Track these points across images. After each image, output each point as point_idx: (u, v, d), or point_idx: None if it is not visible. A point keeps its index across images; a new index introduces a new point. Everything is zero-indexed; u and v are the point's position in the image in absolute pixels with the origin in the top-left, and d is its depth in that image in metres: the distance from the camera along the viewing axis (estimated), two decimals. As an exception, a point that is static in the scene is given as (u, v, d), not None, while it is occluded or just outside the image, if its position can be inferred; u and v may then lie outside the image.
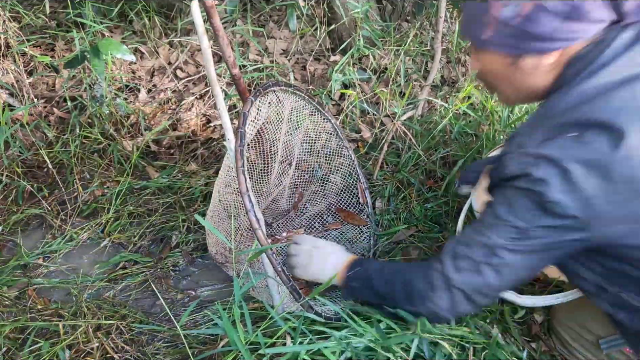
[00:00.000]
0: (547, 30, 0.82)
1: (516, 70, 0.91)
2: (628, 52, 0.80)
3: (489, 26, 0.88)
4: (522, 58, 0.89)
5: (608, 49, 0.81)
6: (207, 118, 2.18)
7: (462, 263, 0.94)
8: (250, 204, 1.10)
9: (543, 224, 0.83)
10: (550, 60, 0.87)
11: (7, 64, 2.15)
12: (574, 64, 0.85)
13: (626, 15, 0.80)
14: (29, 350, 1.34)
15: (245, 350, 0.97)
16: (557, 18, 0.81)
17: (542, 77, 0.91)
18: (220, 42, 1.06)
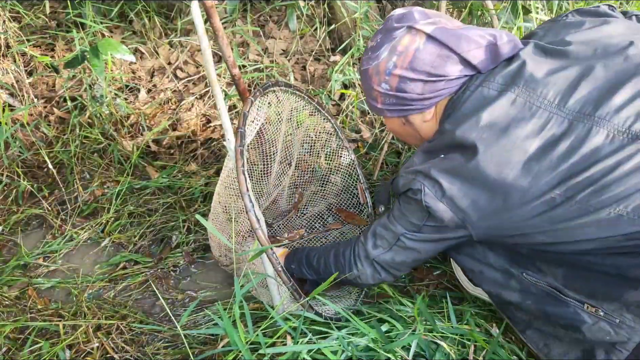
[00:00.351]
0: (415, 94, 1.06)
1: (409, 127, 1.16)
2: (475, 92, 1.00)
3: (377, 98, 1.13)
4: (409, 117, 1.13)
5: (464, 94, 1.02)
6: (207, 118, 2.18)
7: (378, 241, 1.15)
8: (250, 204, 1.10)
9: (429, 224, 1.04)
10: (430, 114, 1.11)
11: (7, 64, 2.15)
12: (447, 110, 1.06)
13: (479, 68, 1.02)
14: (29, 350, 1.34)
15: (246, 350, 0.97)
16: (419, 83, 1.04)
17: (429, 127, 1.14)
18: (220, 43, 1.06)
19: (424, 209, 1.01)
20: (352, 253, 1.20)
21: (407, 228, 1.09)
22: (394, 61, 1.05)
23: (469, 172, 0.95)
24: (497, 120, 0.95)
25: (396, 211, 1.12)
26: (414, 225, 1.07)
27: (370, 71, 1.10)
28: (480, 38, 1.02)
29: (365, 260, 1.18)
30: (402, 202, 1.09)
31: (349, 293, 1.46)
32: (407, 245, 1.11)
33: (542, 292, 1.06)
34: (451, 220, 1.00)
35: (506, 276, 1.11)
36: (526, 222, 0.94)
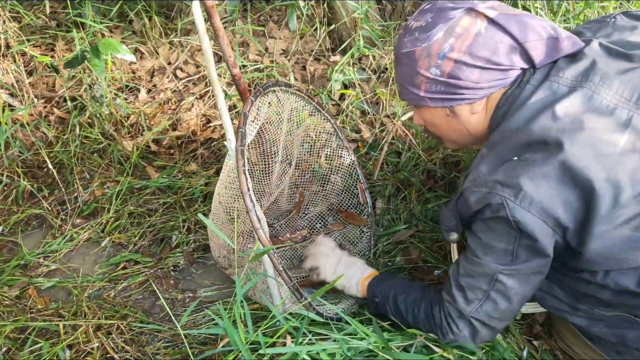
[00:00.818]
0: (470, 82, 0.96)
1: (454, 119, 1.05)
2: (541, 86, 0.94)
3: (421, 85, 1.01)
4: (456, 108, 1.02)
5: (525, 88, 0.95)
6: (207, 118, 2.18)
7: (470, 294, 1.01)
8: (251, 204, 1.10)
9: (523, 244, 0.92)
10: (480, 106, 1.01)
11: (7, 64, 2.15)
12: (501, 106, 0.99)
13: (535, 62, 0.95)
14: (29, 351, 1.34)
15: (246, 350, 0.97)
16: (475, 70, 0.95)
17: (478, 121, 1.04)
18: (221, 42, 1.06)
19: (512, 226, 0.89)
20: (443, 314, 1.06)
21: (500, 261, 0.95)
22: (451, 44, 0.94)
23: (556, 171, 0.86)
24: (574, 115, 0.88)
25: (477, 247, 0.97)
26: (507, 252, 0.93)
27: (418, 53, 0.98)
28: (542, 29, 0.95)
29: (460, 320, 1.03)
30: (482, 230, 0.96)
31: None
32: (508, 285, 0.96)
33: (616, 319, 1.01)
34: (544, 231, 0.89)
35: (573, 309, 1.05)
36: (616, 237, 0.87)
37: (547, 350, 1.30)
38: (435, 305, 1.09)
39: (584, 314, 1.04)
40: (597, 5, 2.00)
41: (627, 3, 2.13)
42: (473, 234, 0.99)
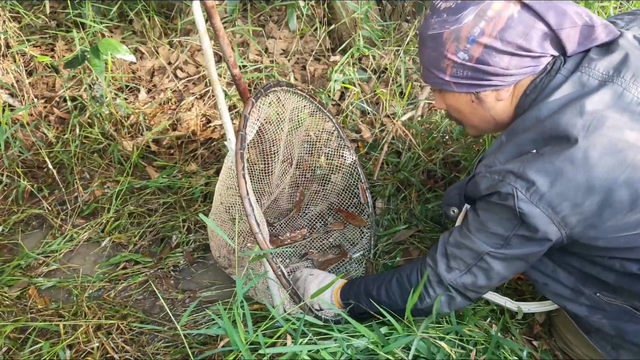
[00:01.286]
0: (499, 68, 0.93)
1: (478, 105, 1.02)
2: (571, 77, 0.90)
3: (447, 69, 0.98)
4: (481, 94, 0.99)
5: (555, 77, 0.92)
6: (207, 118, 2.18)
7: (453, 263, 1.02)
8: (250, 208, 1.10)
9: (519, 234, 0.92)
10: (506, 93, 0.98)
11: (7, 64, 2.15)
12: (529, 93, 0.96)
13: (567, 50, 0.92)
14: (29, 351, 1.34)
15: (246, 350, 0.97)
16: (505, 56, 0.91)
17: (503, 108, 1.01)
18: (221, 42, 1.06)
19: (515, 216, 0.89)
20: (419, 277, 1.08)
21: (490, 243, 0.96)
22: (482, 27, 0.90)
23: (573, 171, 0.84)
24: (602, 112, 0.85)
25: (473, 223, 0.98)
26: (500, 237, 0.94)
27: (446, 36, 0.94)
28: (577, 16, 0.90)
29: (438, 286, 1.05)
30: (483, 210, 0.96)
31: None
32: (492, 265, 0.98)
33: (616, 309, 1.01)
34: (546, 228, 0.88)
35: (576, 293, 1.04)
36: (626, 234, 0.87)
37: (547, 350, 1.30)
38: (411, 272, 1.11)
39: (586, 300, 1.03)
40: (597, 5, 2.00)
41: (627, 3, 2.13)
42: (473, 209, 0.99)
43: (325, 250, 1.64)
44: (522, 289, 1.42)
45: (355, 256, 1.60)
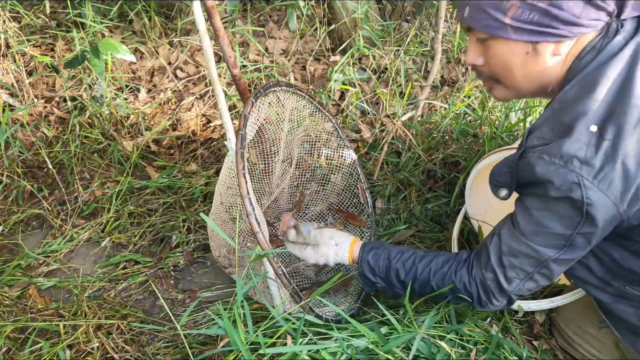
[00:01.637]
0: (571, 15, 0.82)
1: (532, 59, 0.89)
2: (631, 41, 0.84)
3: (510, 10, 0.84)
4: (539, 46, 0.87)
5: (614, 39, 0.84)
6: (207, 118, 2.18)
7: (511, 273, 0.95)
8: (250, 207, 1.10)
9: (583, 231, 0.84)
10: (566, 49, 0.87)
11: (7, 64, 2.15)
12: (584, 55, 0.87)
13: (625, 10, 0.84)
14: (29, 351, 1.34)
15: (246, 350, 0.97)
16: (580, 2, 0.81)
17: (555, 67, 0.90)
18: (221, 42, 1.06)
19: (579, 209, 0.80)
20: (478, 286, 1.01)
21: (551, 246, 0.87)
22: None
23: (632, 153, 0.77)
24: None
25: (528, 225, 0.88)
26: (562, 237, 0.85)
27: None
28: None
29: (500, 295, 1.00)
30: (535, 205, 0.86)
31: (347, 295, 1.46)
32: (554, 270, 0.91)
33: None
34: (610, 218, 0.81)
35: (603, 283, 1.00)
36: None
37: (547, 350, 1.30)
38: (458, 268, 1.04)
39: (613, 290, 1.00)
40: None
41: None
42: (525, 208, 0.89)
43: (325, 250, 1.64)
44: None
45: None
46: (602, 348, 1.20)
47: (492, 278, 0.98)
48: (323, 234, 1.25)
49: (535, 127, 0.90)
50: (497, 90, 1.00)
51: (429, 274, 1.07)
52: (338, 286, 1.47)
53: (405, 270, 1.10)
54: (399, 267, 1.11)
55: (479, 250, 1.04)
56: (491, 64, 0.95)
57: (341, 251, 1.22)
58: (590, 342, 1.22)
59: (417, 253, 1.12)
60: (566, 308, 1.29)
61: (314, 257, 1.25)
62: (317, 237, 1.25)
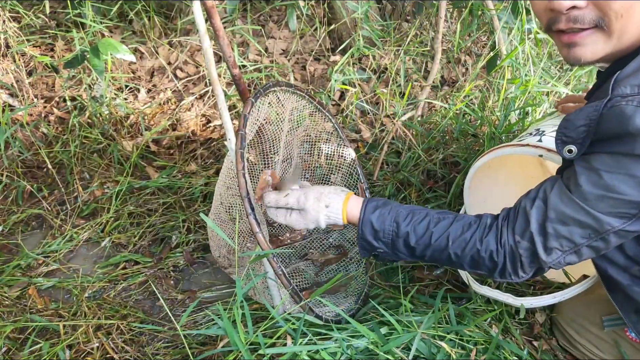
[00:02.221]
0: None
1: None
2: None
3: None
4: None
5: None
6: (207, 118, 2.18)
7: (554, 243, 0.83)
8: (250, 207, 1.10)
9: None
10: None
11: (7, 64, 2.15)
12: None
13: None
14: (29, 351, 1.34)
15: (246, 350, 0.97)
16: None
17: None
18: (221, 42, 1.06)
19: None
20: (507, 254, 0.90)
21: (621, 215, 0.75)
22: None
23: None
24: None
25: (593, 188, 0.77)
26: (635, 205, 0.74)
27: None
28: None
29: (530, 267, 0.89)
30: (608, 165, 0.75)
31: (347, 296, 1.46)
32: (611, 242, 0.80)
33: None
34: None
35: (631, 262, 0.91)
36: None
37: (547, 350, 1.30)
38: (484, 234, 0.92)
39: (637, 272, 0.92)
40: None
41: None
42: (591, 169, 0.78)
43: (325, 250, 1.64)
44: (522, 290, 1.42)
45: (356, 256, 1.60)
46: (605, 348, 1.20)
47: (527, 247, 0.87)
48: (308, 195, 1.07)
49: (625, 74, 0.77)
50: (589, 45, 0.82)
51: (447, 240, 0.95)
52: (338, 287, 1.47)
53: (417, 235, 0.97)
54: (410, 231, 0.97)
55: (511, 214, 0.92)
56: (607, 6, 0.77)
57: (333, 213, 1.06)
58: (593, 342, 1.22)
59: (431, 214, 0.99)
60: (568, 308, 1.29)
61: (301, 222, 1.08)
62: (302, 201, 1.07)
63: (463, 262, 0.96)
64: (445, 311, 1.20)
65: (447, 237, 0.95)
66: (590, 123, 0.77)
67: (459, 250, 0.94)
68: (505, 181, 1.58)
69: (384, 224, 0.99)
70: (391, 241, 1.00)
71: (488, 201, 1.51)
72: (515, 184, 1.63)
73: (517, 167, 1.63)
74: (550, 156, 1.12)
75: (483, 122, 1.87)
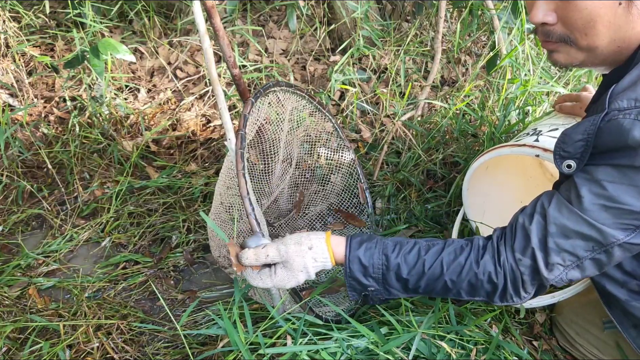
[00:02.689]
0: None
1: (623, 15, 0.77)
2: None
3: None
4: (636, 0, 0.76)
5: None
6: (207, 118, 2.18)
7: (556, 258, 0.82)
8: (250, 207, 1.09)
9: None
10: None
11: (7, 64, 2.15)
12: None
13: None
14: (29, 351, 1.34)
15: (246, 350, 0.97)
16: None
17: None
18: (221, 43, 1.06)
19: None
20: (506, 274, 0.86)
21: (624, 226, 0.75)
22: None
23: None
24: None
25: (594, 199, 0.76)
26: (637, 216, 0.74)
27: None
28: None
29: (531, 285, 0.86)
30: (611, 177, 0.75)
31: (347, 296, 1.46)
32: (614, 256, 0.79)
33: None
34: None
35: (628, 277, 0.91)
36: None
37: (547, 350, 1.30)
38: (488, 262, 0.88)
39: (635, 286, 0.92)
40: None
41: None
42: (593, 181, 0.77)
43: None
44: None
45: None
46: (604, 349, 1.20)
47: (529, 264, 0.84)
48: (286, 242, 0.97)
49: (621, 87, 0.78)
50: (563, 53, 0.87)
51: (441, 267, 0.91)
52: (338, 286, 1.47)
53: (409, 265, 0.92)
54: (401, 262, 0.92)
55: (507, 233, 0.90)
56: (570, 18, 0.81)
57: (319, 254, 0.96)
58: (593, 343, 1.22)
59: (419, 243, 0.95)
60: (568, 308, 1.29)
61: (290, 277, 0.96)
62: (282, 250, 0.96)
63: (460, 289, 0.92)
64: (445, 311, 1.20)
65: (441, 263, 0.91)
66: (588, 138, 0.77)
67: (455, 276, 0.90)
68: (504, 181, 1.59)
69: (372, 258, 0.94)
70: (382, 276, 0.94)
71: (487, 201, 1.52)
72: (514, 183, 1.63)
73: (515, 167, 1.63)
74: (547, 156, 1.12)
75: (483, 122, 1.87)
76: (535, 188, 1.63)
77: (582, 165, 0.80)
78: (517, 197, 1.58)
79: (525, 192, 1.61)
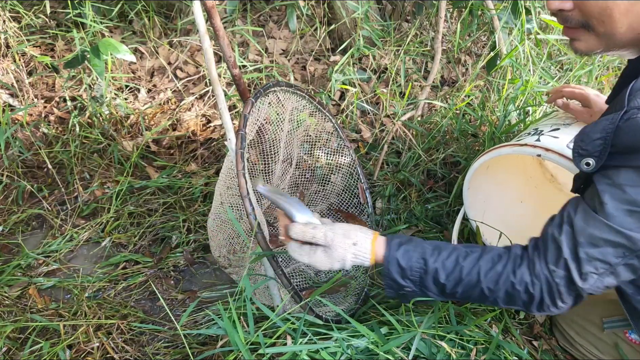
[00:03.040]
0: None
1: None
2: None
3: None
4: None
5: None
6: (207, 118, 2.18)
7: (588, 267, 0.82)
8: (250, 207, 1.10)
9: None
10: None
11: (7, 64, 2.15)
12: None
13: None
14: (29, 351, 1.34)
15: (246, 350, 0.97)
16: None
17: None
18: (221, 43, 1.06)
19: None
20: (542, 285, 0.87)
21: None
22: None
23: None
24: None
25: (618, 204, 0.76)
26: None
27: None
28: None
29: (568, 295, 0.86)
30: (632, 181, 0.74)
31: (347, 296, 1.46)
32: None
33: None
34: None
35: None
36: None
37: (547, 350, 1.30)
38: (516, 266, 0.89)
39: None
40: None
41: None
42: (614, 185, 0.77)
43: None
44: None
45: None
46: (604, 348, 1.20)
47: (563, 275, 0.84)
48: (335, 231, 1.00)
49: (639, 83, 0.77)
50: (583, 41, 0.85)
51: (478, 274, 0.91)
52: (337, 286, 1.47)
53: (447, 270, 0.93)
54: (439, 267, 0.94)
55: (539, 244, 0.90)
56: (585, 5, 0.80)
57: (362, 252, 0.99)
58: (593, 343, 1.22)
59: (458, 249, 0.96)
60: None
61: (326, 262, 1.00)
62: (330, 236, 0.99)
63: (497, 297, 0.92)
64: (445, 311, 1.20)
65: (478, 271, 0.92)
66: (606, 136, 0.77)
67: (492, 285, 0.91)
68: (505, 181, 1.58)
69: (411, 260, 0.96)
70: (419, 278, 0.96)
71: (488, 201, 1.52)
72: (515, 183, 1.63)
73: (516, 167, 1.63)
74: (548, 156, 1.12)
75: (483, 122, 1.87)
76: (535, 188, 1.63)
77: (601, 164, 0.79)
78: (517, 197, 1.58)
79: (526, 192, 1.61)
